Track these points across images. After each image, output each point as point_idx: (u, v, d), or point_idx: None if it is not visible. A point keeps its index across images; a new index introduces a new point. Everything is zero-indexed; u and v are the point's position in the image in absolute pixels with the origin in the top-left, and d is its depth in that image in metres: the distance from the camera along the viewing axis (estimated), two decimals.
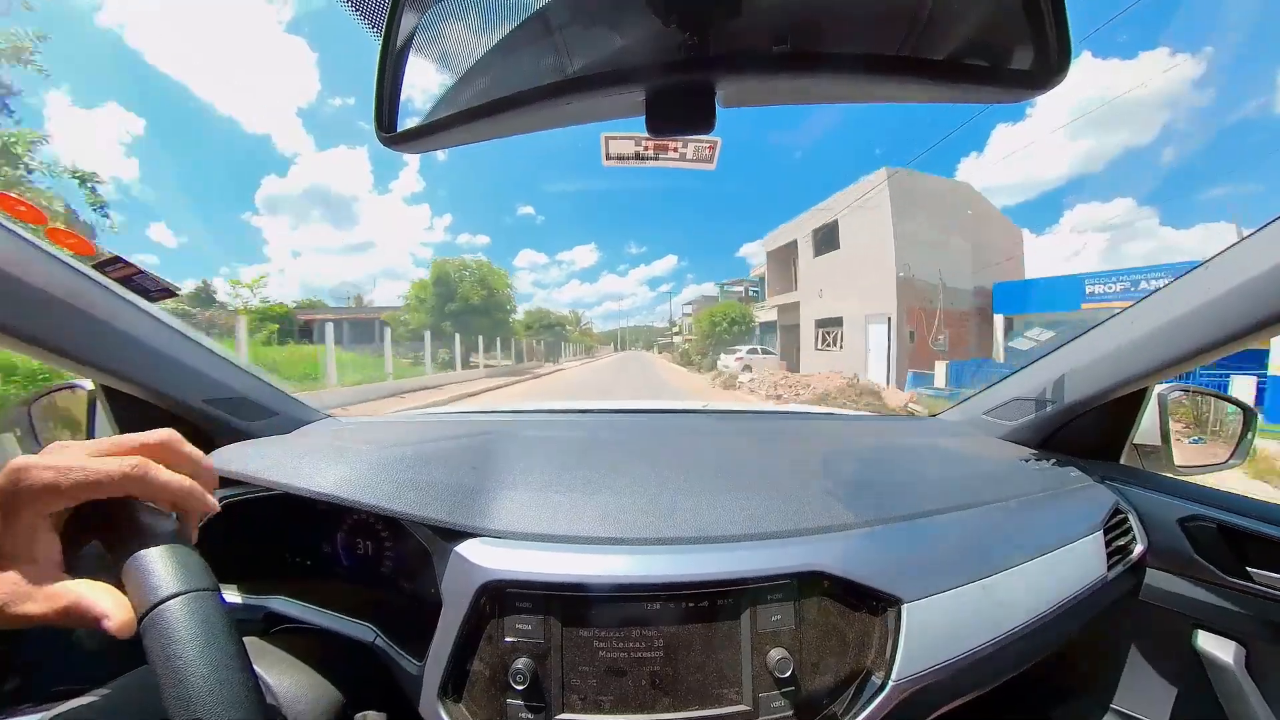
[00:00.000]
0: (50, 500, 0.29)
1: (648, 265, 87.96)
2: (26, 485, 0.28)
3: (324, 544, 0.70)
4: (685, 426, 0.97)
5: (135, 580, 0.28)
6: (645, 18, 0.32)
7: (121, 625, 0.27)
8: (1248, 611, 0.64)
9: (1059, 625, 0.58)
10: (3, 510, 0.28)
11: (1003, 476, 0.73)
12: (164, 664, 0.26)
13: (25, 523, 0.28)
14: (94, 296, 0.62)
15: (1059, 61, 0.30)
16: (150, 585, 0.28)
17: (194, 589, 0.28)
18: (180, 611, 0.27)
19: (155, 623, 0.27)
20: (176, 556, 0.29)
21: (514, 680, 0.44)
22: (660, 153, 0.65)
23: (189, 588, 0.28)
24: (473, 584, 0.47)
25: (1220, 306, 0.58)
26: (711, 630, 0.47)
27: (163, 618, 0.27)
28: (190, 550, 0.31)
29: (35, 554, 0.29)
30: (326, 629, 0.55)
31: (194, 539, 0.34)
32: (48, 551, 0.29)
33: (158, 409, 0.71)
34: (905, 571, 0.51)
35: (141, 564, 0.29)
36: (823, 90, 0.38)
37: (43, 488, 0.28)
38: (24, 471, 0.28)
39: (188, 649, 0.26)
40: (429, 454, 0.64)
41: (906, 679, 0.48)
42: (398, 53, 0.41)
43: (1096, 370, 0.75)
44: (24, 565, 0.28)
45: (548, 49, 0.41)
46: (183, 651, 0.26)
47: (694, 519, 0.52)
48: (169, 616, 0.27)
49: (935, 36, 0.34)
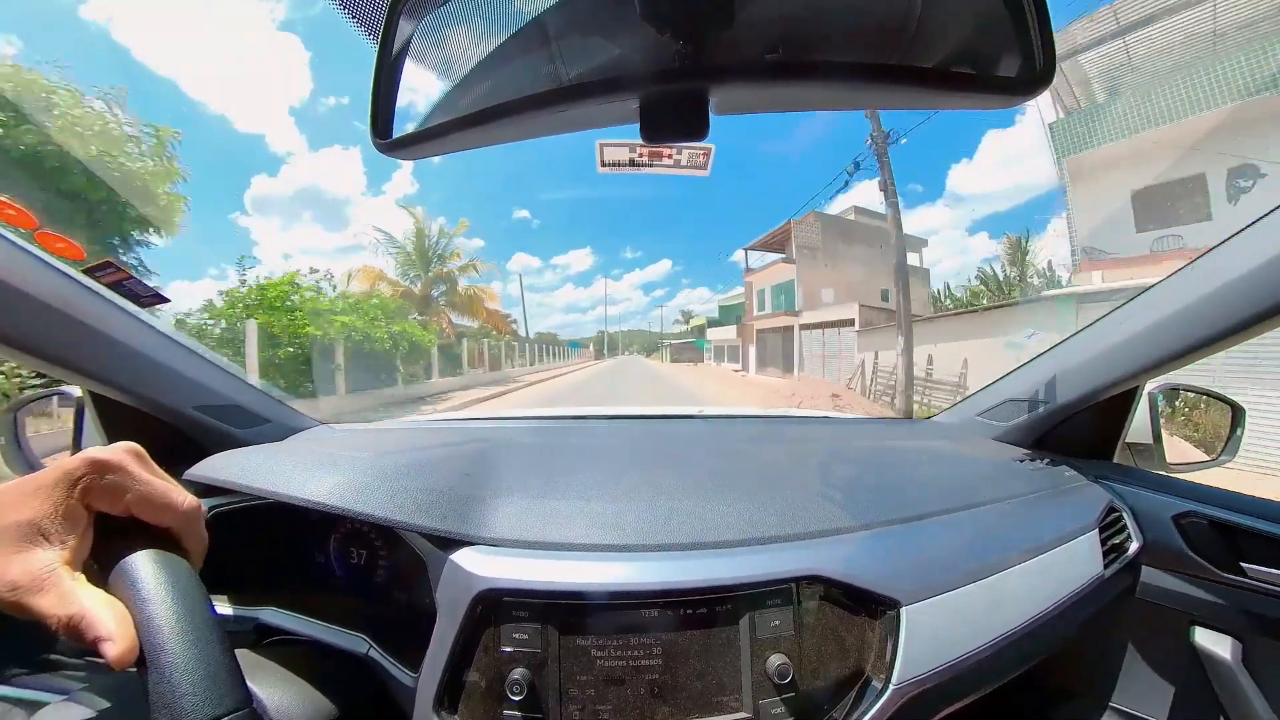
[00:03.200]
0: (108, 501, 0.29)
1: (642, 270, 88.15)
2: (104, 480, 0.28)
3: (316, 553, 0.69)
4: (681, 432, 0.97)
5: (158, 689, 0.26)
6: (639, 27, 0.33)
7: (122, 655, 0.25)
8: (1243, 607, 0.65)
9: (1057, 625, 0.59)
10: (67, 493, 0.27)
11: (998, 477, 0.74)
12: None
13: (77, 512, 0.28)
14: (83, 302, 0.61)
15: (1044, 69, 0.31)
16: (177, 705, 0.25)
17: (225, 713, 0.26)
18: None
19: None
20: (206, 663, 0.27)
21: (510, 691, 0.44)
22: (655, 159, 0.66)
23: (219, 713, 0.26)
24: (468, 593, 0.46)
25: (1207, 305, 0.59)
26: (710, 637, 0.46)
27: None
28: (222, 646, 0.28)
29: (70, 545, 0.28)
30: (319, 640, 0.54)
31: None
32: (80, 548, 0.28)
33: (147, 416, 0.70)
34: (903, 574, 0.51)
35: (162, 661, 0.26)
36: (814, 98, 0.39)
37: (114, 488, 0.29)
38: (104, 465, 0.29)
39: None
40: (423, 461, 0.63)
41: (907, 682, 0.47)
42: (394, 60, 0.42)
43: (1087, 370, 0.76)
44: (56, 552, 0.27)
45: (543, 57, 0.41)
46: None
47: (691, 525, 0.52)
48: None
49: (923, 45, 0.35)
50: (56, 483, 0.28)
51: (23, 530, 0.26)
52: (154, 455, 0.34)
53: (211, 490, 0.62)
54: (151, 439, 0.77)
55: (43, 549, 0.27)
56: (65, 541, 0.27)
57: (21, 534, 0.26)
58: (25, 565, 0.26)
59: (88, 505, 0.29)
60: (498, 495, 0.56)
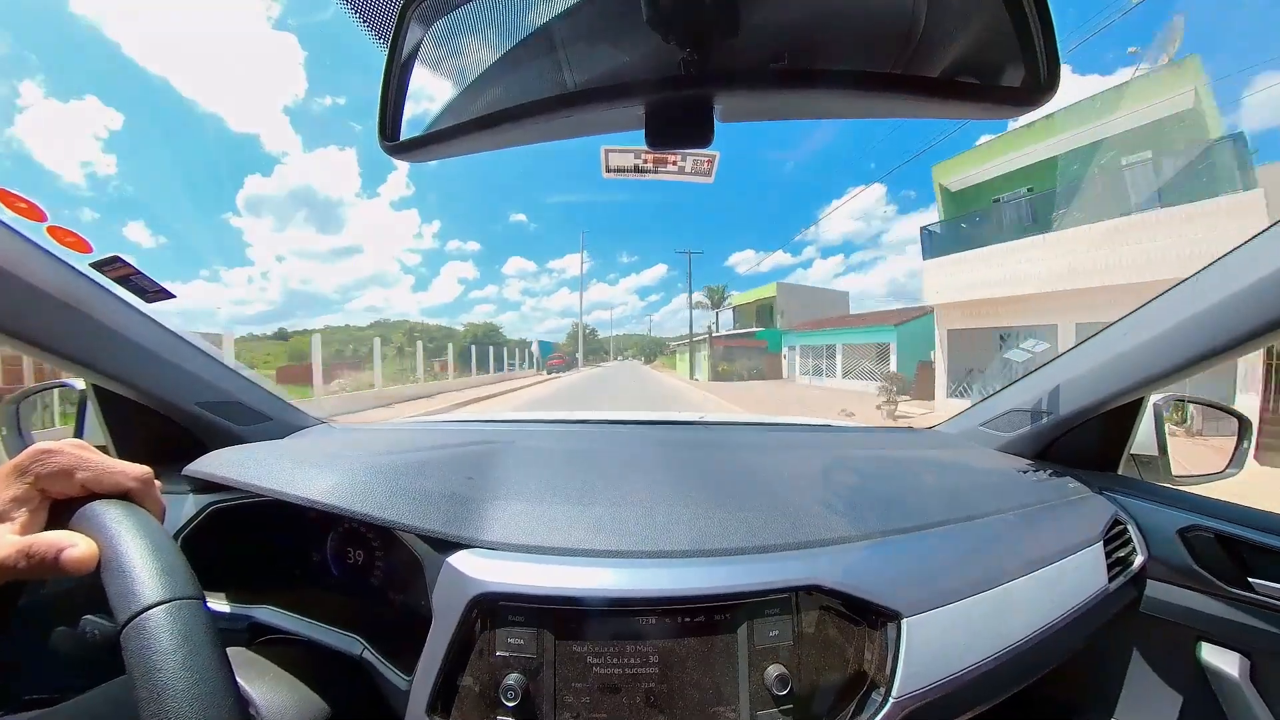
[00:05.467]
0: (61, 483, 0.32)
1: (637, 274, 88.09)
2: (48, 465, 0.32)
3: (313, 553, 0.68)
4: (682, 438, 0.96)
5: (116, 583, 0.27)
6: (646, 34, 0.33)
7: (83, 555, 0.28)
8: (1251, 622, 0.63)
9: (1061, 639, 0.58)
10: (17, 478, 0.31)
11: (1001, 488, 0.73)
12: (143, 677, 0.25)
13: (28, 495, 0.31)
14: (89, 295, 0.61)
15: (1048, 79, 0.31)
16: (132, 591, 0.27)
17: (178, 596, 0.27)
18: (163, 621, 0.26)
19: (136, 632, 0.26)
20: (161, 558, 0.28)
21: (505, 697, 0.43)
22: (659, 166, 0.66)
23: (173, 595, 0.27)
24: (464, 596, 0.46)
25: (1212, 317, 0.59)
26: (708, 646, 0.46)
27: (144, 627, 0.26)
28: (176, 551, 0.30)
29: (20, 520, 0.31)
30: (313, 640, 0.54)
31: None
32: (31, 524, 0.31)
33: (149, 411, 0.70)
34: (905, 585, 0.50)
35: (122, 563, 0.28)
36: (818, 106, 0.39)
37: (59, 471, 0.32)
38: (48, 451, 0.33)
39: (169, 660, 0.25)
40: (423, 462, 0.63)
41: (908, 695, 0.47)
42: (403, 64, 0.42)
43: (1091, 381, 0.76)
44: (7, 525, 0.30)
45: (551, 63, 0.42)
46: (163, 664, 0.25)
47: (691, 532, 0.51)
48: (150, 626, 0.26)
49: (927, 55, 0.35)
50: (7, 474, 0.32)
51: None
52: (154, 450, 0.35)
53: (210, 487, 0.62)
54: (153, 434, 0.77)
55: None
56: (15, 518, 0.31)
57: None
58: None
59: (42, 490, 0.32)
60: (496, 498, 0.56)
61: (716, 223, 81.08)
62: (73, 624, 0.52)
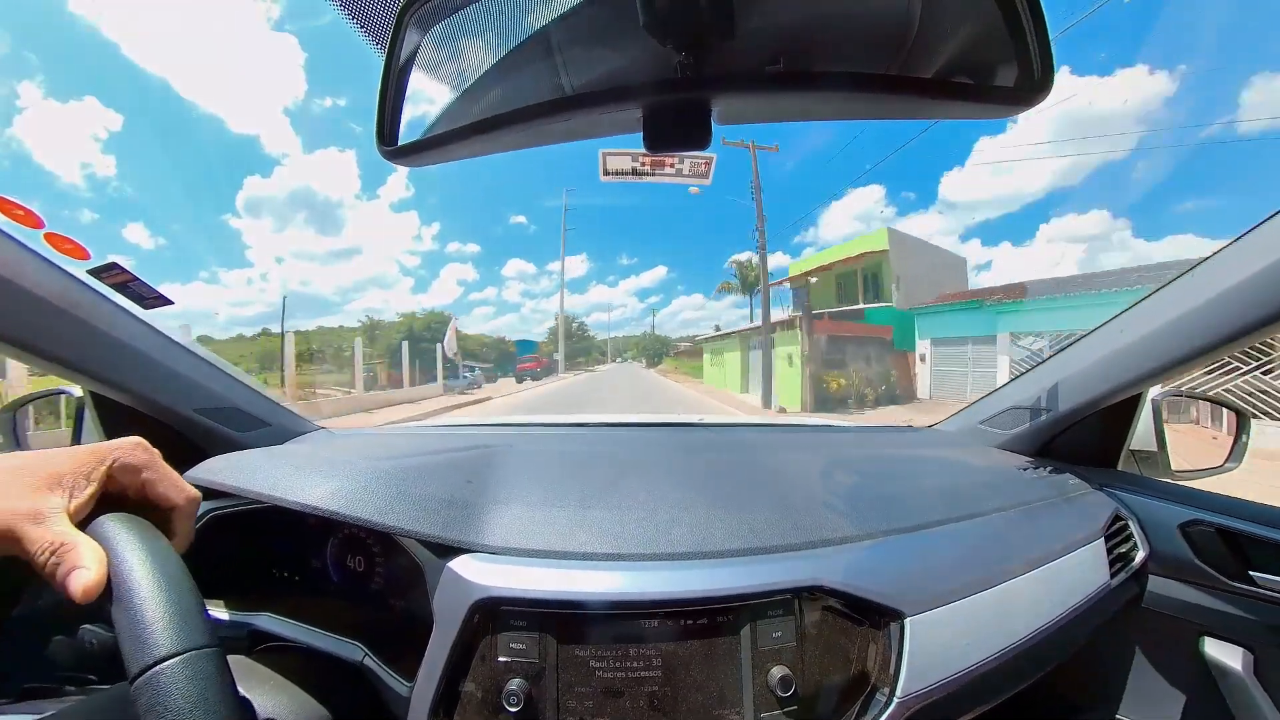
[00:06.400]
0: (128, 477, 0.33)
1: (637, 276, 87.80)
2: (130, 457, 0.33)
3: (313, 559, 0.68)
4: (683, 440, 0.96)
5: (128, 622, 0.26)
6: (643, 38, 0.33)
7: (89, 585, 0.28)
8: (1253, 617, 0.64)
9: (1064, 636, 0.58)
10: (97, 462, 0.32)
11: (1002, 486, 0.73)
12: None
13: (96, 476, 0.32)
14: (87, 302, 0.61)
15: (1042, 79, 0.31)
16: (146, 639, 0.25)
17: (195, 647, 0.26)
18: (178, 676, 0.24)
19: (150, 687, 0.24)
20: (179, 600, 0.27)
21: (508, 702, 0.43)
22: (657, 168, 0.67)
23: (189, 645, 0.26)
24: (466, 601, 0.46)
25: (1210, 310, 0.59)
26: (711, 648, 0.46)
27: (158, 682, 0.24)
28: (193, 590, 0.28)
29: (78, 500, 0.31)
30: (314, 648, 0.54)
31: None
32: (85, 506, 0.32)
33: (147, 417, 0.70)
34: (907, 584, 0.50)
35: (134, 601, 0.26)
36: (814, 108, 0.39)
37: (135, 465, 0.34)
38: (138, 446, 0.34)
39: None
40: (423, 467, 0.63)
41: (912, 695, 0.46)
42: (400, 69, 0.42)
43: (1090, 378, 0.76)
44: (64, 499, 0.31)
45: (548, 67, 0.42)
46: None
47: (692, 534, 0.51)
48: (164, 681, 0.24)
49: (922, 56, 0.36)
50: (92, 451, 0.33)
51: (48, 478, 0.31)
52: None
53: (209, 493, 0.62)
54: (151, 440, 0.77)
55: (57, 495, 0.31)
56: (75, 497, 0.31)
57: (45, 480, 0.31)
58: (35, 502, 0.30)
59: (111, 476, 0.33)
60: (497, 502, 0.55)
61: (718, 224, 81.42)
62: (71, 633, 0.52)
